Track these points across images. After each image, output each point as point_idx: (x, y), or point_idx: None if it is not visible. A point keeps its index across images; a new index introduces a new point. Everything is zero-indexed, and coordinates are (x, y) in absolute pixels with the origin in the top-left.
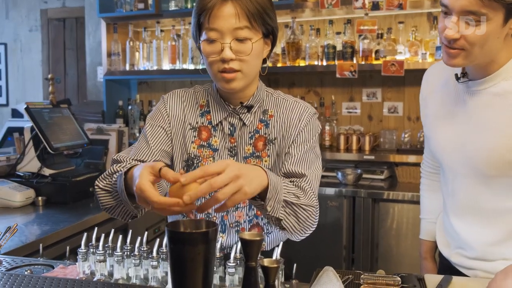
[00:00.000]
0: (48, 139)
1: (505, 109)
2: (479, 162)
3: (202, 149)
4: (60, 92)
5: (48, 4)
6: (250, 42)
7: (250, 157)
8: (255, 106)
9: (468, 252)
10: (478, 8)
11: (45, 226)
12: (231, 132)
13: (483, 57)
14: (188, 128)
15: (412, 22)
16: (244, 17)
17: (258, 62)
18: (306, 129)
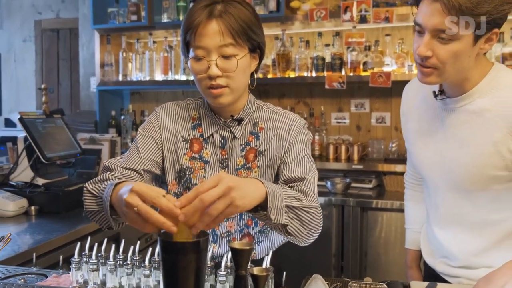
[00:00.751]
0: (41, 149)
1: (481, 126)
2: (458, 177)
3: (193, 161)
4: (53, 102)
5: (42, 15)
6: (235, 59)
7: (241, 168)
8: (245, 119)
9: (452, 261)
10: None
11: (38, 235)
12: (222, 144)
13: (455, 74)
14: (180, 140)
15: (398, 34)
16: (229, 34)
17: (245, 77)
18: (298, 138)
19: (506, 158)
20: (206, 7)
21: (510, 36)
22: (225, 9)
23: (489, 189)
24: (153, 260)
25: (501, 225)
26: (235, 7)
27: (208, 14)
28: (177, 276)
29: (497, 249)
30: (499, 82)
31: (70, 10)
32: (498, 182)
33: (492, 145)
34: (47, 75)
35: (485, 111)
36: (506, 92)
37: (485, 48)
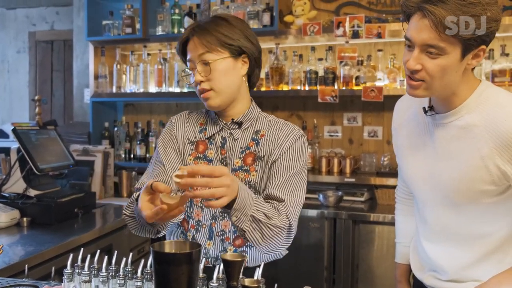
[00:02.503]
0: (34, 160)
1: (469, 142)
2: (447, 192)
3: (198, 160)
4: (47, 113)
5: (37, 26)
6: (214, 63)
7: (238, 170)
8: (246, 124)
9: (441, 275)
10: (437, 42)
11: (30, 247)
12: (222, 144)
13: (443, 89)
14: (186, 142)
15: (390, 50)
16: (203, 44)
17: (229, 79)
18: (292, 149)
19: (492, 173)
20: (191, 27)
21: (499, 53)
22: (204, 25)
23: (477, 203)
24: (146, 272)
25: (488, 238)
26: (215, 23)
27: (189, 32)
28: (169, 287)
29: (485, 262)
30: (486, 99)
31: (64, 22)
32: (486, 196)
33: (479, 160)
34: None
35: (473, 126)
36: (493, 108)
37: (472, 64)
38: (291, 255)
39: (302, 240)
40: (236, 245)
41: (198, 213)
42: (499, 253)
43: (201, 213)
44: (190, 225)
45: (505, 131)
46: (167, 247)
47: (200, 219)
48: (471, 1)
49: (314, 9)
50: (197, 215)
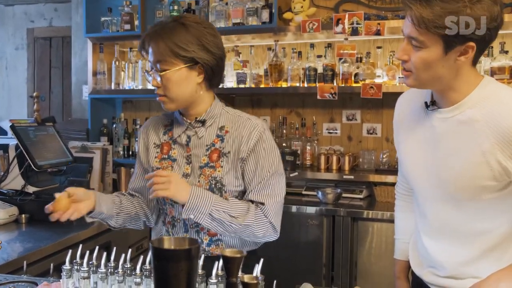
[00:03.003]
0: (33, 156)
1: (470, 136)
2: (448, 187)
3: (163, 161)
4: (45, 110)
5: (35, 23)
6: (167, 73)
7: (205, 166)
8: (209, 121)
9: (439, 271)
10: (417, 35)
11: (28, 243)
12: (187, 142)
13: (434, 81)
14: (152, 146)
15: (389, 47)
16: (156, 54)
17: (183, 88)
18: (259, 147)
19: (493, 168)
20: (151, 30)
21: (498, 51)
22: (159, 32)
23: (477, 199)
24: (144, 268)
25: (488, 235)
26: (172, 29)
27: (148, 36)
28: (169, 283)
29: (484, 259)
30: (488, 94)
31: (63, 19)
32: (487, 192)
33: (480, 155)
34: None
35: (475, 121)
36: (495, 104)
37: (461, 60)
38: (290, 252)
39: (300, 237)
40: (211, 234)
41: (171, 210)
42: (498, 250)
43: (173, 210)
44: (167, 221)
45: (507, 127)
46: (166, 243)
47: (174, 215)
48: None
49: (313, 6)
50: (170, 212)
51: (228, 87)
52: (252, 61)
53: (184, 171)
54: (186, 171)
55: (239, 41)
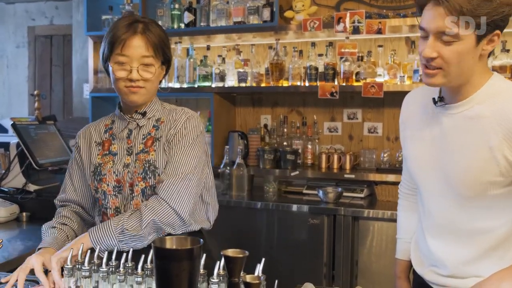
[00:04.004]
0: (34, 155)
1: (478, 132)
2: (454, 183)
3: (104, 157)
4: (46, 108)
5: (36, 21)
6: (154, 68)
7: (140, 152)
8: (149, 114)
9: (441, 270)
10: (452, 28)
11: (29, 241)
12: (128, 135)
13: (460, 76)
14: (93, 145)
15: (391, 46)
16: (150, 48)
17: (157, 84)
18: (184, 126)
19: (500, 164)
20: (130, 25)
21: (500, 49)
22: (147, 27)
23: (484, 195)
24: (146, 267)
25: (491, 234)
26: (153, 27)
27: (133, 31)
28: (171, 282)
29: (487, 258)
30: (497, 91)
31: (63, 17)
32: (493, 187)
33: (488, 151)
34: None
35: (483, 117)
36: (503, 100)
37: (488, 49)
38: (290, 251)
39: (301, 236)
40: None
41: (114, 201)
42: (501, 249)
43: (117, 200)
44: (109, 214)
45: None
46: (168, 243)
47: (117, 206)
48: None
49: (315, 4)
50: (113, 203)
51: (229, 86)
52: (253, 59)
53: (125, 162)
54: (126, 162)
55: (240, 39)
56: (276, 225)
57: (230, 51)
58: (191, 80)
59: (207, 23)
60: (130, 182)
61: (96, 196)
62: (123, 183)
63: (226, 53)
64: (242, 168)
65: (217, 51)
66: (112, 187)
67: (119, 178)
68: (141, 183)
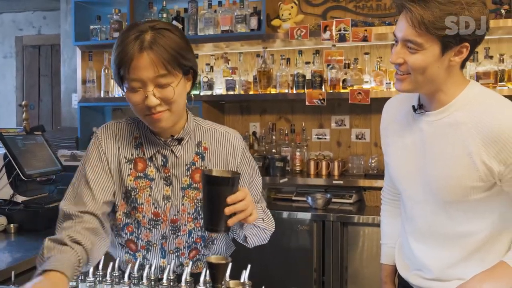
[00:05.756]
0: (21, 165)
1: (457, 138)
2: (435, 188)
3: (138, 180)
4: (34, 118)
5: (24, 31)
6: (171, 87)
7: (187, 188)
8: (186, 138)
9: (425, 274)
10: (414, 37)
11: (17, 253)
12: (164, 163)
13: (427, 83)
14: (123, 161)
15: (377, 53)
16: (161, 65)
17: (183, 100)
18: (245, 160)
19: (479, 169)
20: (136, 39)
21: (483, 56)
22: (155, 39)
23: (465, 200)
24: (133, 276)
25: (474, 237)
26: (164, 36)
27: (139, 47)
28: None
29: (469, 261)
30: (475, 98)
31: (51, 27)
32: (474, 192)
33: (467, 157)
34: (28, 91)
35: (461, 124)
36: (481, 107)
37: (455, 60)
38: (280, 257)
39: (291, 242)
40: (191, 257)
41: (147, 234)
42: (483, 252)
43: (150, 234)
44: (139, 246)
45: (492, 129)
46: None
47: (149, 239)
48: (450, 0)
49: (301, 13)
50: (146, 236)
51: (218, 94)
52: (241, 68)
53: (164, 193)
54: (166, 193)
55: (228, 48)
56: None
57: (218, 59)
58: None
59: (195, 32)
60: (174, 219)
61: (126, 221)
62: (164, 219)
63: (214, 62)
64: None
65: (205, 59)
66: (148, 220)
67: (158, 212)
68: (190, 224)
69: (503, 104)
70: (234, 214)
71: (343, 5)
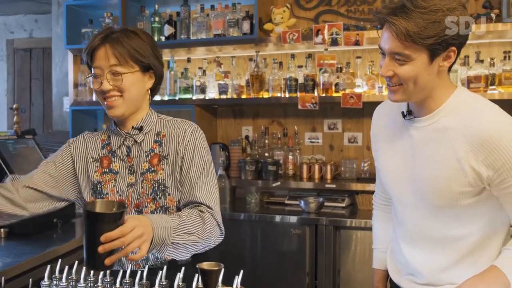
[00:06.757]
0: (12, 170)
1: (446, 144)
2: (426, 194)
3: (104, 175)
4: (25, 122)
5: (15, 34)
6: (124, 75)
7: (146, 172)
8: (147, 128)
9: (417, 278)
10: (401, 50)
11: (7, 258)
12: (127, 153)
13: (419, 92)
14: (90, 161)
15: (369, 57)
16: (114, 56)
17: (137, 90)
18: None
19: (468, 174)
20: (103, 34)
21: (474, 60)
22: (117, 37)
23: (455, 205)
24: (124, 282)
25: (465, 241)
26: (127, 36)
27: (101, 40)
28: None
29: (461, 265)
30: (462, 103)
31: (43, 30)
32: (463, 197)
33: (456, 162)
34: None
35: (450, 129)
36: (468, 112)
37: (444, 65)
38: (272, 261)
39: (283, 246)
40: None
41: None
42: (474, 255)
43: None
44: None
45: (479, 134)
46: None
47: None
48: (431, 8)
49: (294, 17)
50: None
51: (210, 98)
52: (233, 71)
53: (128, 182)
54: (130, 181)
55: (221, 52)
56: (259, 235)
57: (211, 63)
58: (172, 93)
59: (188, 36)
60: (137, 203)
61: None
62: (128, 204)
63: (207, 65)
64: (224, 179)
65: (197, 63)
66: None
67: (123, 198)
68: (150, 204)
69: (490, 108)
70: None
71: (335, 9)
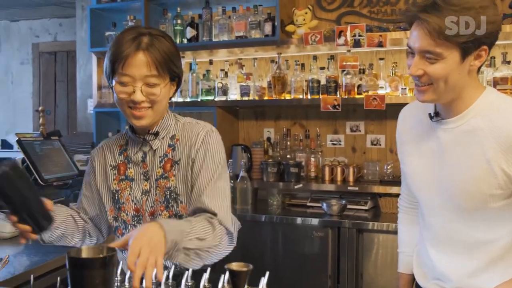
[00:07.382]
0: (39, 170)
1: (475, 145)
2: (454, 196)
3: (121, 183)
4: (50, 123)
5: (40, 38)
6: (159, 87)
7: (160, 178)
8: (162, 133)
9: (445, 283)
10: (433, 48)
11: (35, 257)
12: (143, 159)
13: (449, 91)
14: (109, 168)
15: (392, 58)
16: (154, 66)
17: (166, 102)
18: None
19: (498, 176)
20: (134, 39)
21: (501, 61)
22: (151, 42)
23: (484, 208)
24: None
25: (494, 245)
26: (159, 41)
27: (136, 47)
28: None
29: (490, 270)
30: (491, 104)
31: (67, 34)
32: (493, 200)
33: (485, 163)
34: (44, 97)
35: (479, 130)
36: (498, 113)
37: (475, 64)
38: (295, 264)
39: (305, 249)
40: None
41: None
42: (504, 261)
43: None
44: None
45: (509, 135)
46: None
47: None
48: (464, 6)
49: (315, 18)
50: None
51: (232, 100)
52: (255, 73)
53: (143, 188)
54: (145, 188)
55: (242, 53)
56: (281, 238)
57: (233, 65)
58: (194, 94)
59: (210, 38)
60: (151, 211)
61: (116, 225)
62: (142, 213)
63: (229, 67)
64: (246, 181)
65: (219, 65)
66: (131, 216)
67: (138, 207)
68: (164, 212)
69: None
70: None
71: (358, 10)
